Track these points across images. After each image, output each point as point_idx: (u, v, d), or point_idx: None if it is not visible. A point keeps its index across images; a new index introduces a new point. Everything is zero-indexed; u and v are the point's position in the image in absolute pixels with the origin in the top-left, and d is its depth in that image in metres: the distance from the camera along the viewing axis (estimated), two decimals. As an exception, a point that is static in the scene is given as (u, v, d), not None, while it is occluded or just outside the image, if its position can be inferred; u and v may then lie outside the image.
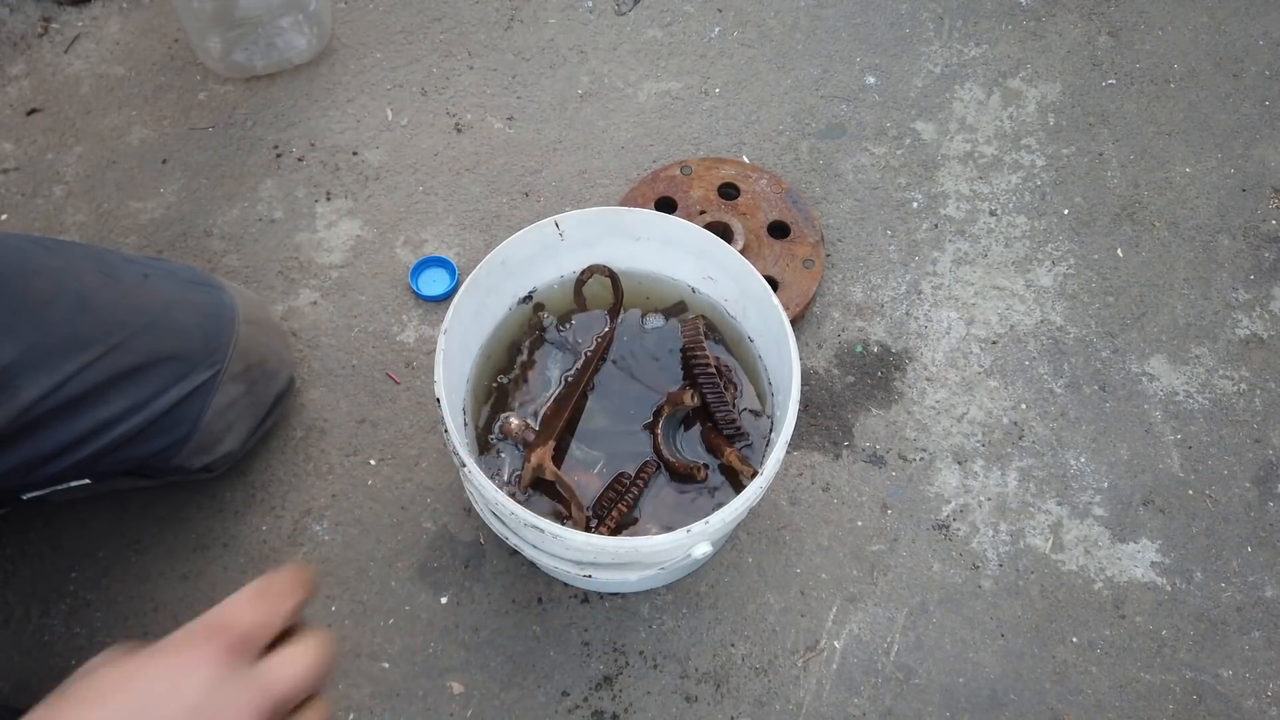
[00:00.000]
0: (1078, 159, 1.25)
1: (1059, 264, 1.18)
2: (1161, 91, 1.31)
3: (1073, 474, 1.05)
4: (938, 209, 1.21)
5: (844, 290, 1.15)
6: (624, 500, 0.85)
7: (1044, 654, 0.95)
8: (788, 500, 1.02)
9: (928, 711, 0.93)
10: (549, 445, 0.87)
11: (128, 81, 1.26)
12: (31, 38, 1.29)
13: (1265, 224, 1.21)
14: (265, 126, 1.23)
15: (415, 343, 1.09)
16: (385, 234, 1.16)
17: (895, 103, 1.28)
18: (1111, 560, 1.00)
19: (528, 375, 0.93)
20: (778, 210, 1.15)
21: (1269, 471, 1.05)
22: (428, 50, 1.30)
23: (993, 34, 1.35)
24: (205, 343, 0.86)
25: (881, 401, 1.08)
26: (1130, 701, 0.94)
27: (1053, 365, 1.11)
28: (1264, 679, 0.95)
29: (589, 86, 1.28)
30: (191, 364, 0.85)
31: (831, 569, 0.99)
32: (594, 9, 1.35)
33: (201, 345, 0.86)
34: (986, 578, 0.99)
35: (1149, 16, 1.37)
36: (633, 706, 0.92)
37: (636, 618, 0.96)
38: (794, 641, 0.95)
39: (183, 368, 0.84)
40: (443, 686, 0.92)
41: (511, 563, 0.98)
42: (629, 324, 0.96)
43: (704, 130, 1.25)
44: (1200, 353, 1.12)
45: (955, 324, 1.13)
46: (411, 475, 1.02)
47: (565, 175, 1.21)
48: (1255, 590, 0.99)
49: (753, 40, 1.33)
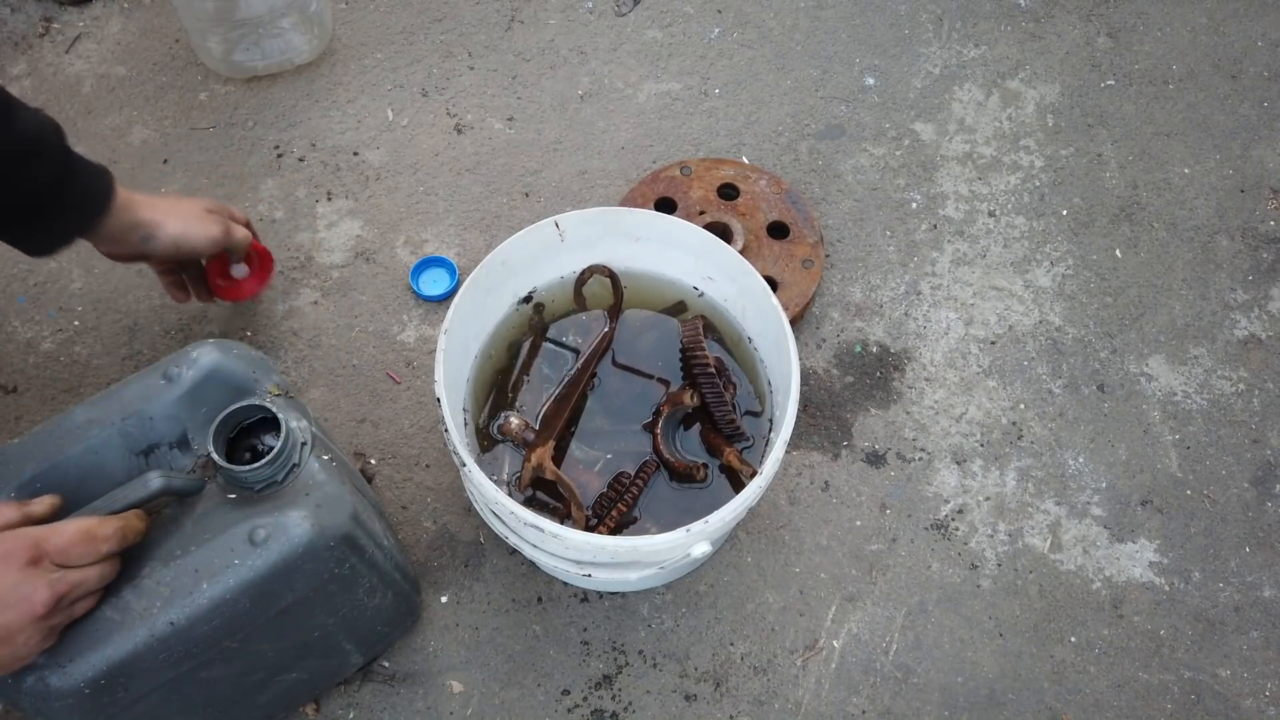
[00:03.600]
0: (1076, 160, 1.26)
1: (1058, 264, 1.18)
2: (1160, 92, 1.31)
3: (1071, 474, 1.05)
4: (937, 209, 1.21)
5: (843, 290, 1.15)
6: (624, 500, 0.85)
7: (1042, 653, 0.96)
8: (787, 500, 1.02)
9: (926, 710, 0.93)
10: (549, 445, 0.87)
11: (129, 82, 1.26)
12: (33, 38, 1.29)
13: (1264, 224, 1.21)
14: (266, 127, 1.23)
15: (415, 342, 1.10)
16: (386, 234, 1.16)
17: (894, 103, 1.29)
18: (1110, 560, 1.00)
19: (528, 375, 0.93)
20: (777, 211, 1.15)
21: (1267, 472, 1.06)
22: (428, 51, 1.31)
23: (992, 35, 1.35)
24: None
25: (880, 401, 1.08)
26: (1128, 701, 0.94)
27: (1051, 365, 1.11)
28: (1262, 679, 0.95)
29: (589, 87, 1.29)
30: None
31: (830, 568, 0.99)
32: (594, 10, 1.35)
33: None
34: (985, 577, 0.99)
35: (1148, 18, 1.37)
36: (632, 705, 0.92)
37: (636, 617, 0.96)
38: (793, 641, 0.96)
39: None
40: (443, 685, 0.92)
41: (511, 562, 0.98)
42: (628, 324, 0.96)
43: (704, 131, 1.25)
44: (1199, 353, 1.13)
45: (954, 324, 1.13)
46: (411, 475, 1.02)
47: (565, 175, 1.21)
48: (1253, 590, 1.00)
49: (752, 41, 1.33)
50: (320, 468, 0.71)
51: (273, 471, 0.68)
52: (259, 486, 0.68)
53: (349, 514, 0.70)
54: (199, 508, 0.68)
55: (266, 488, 0.68)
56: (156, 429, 0.70)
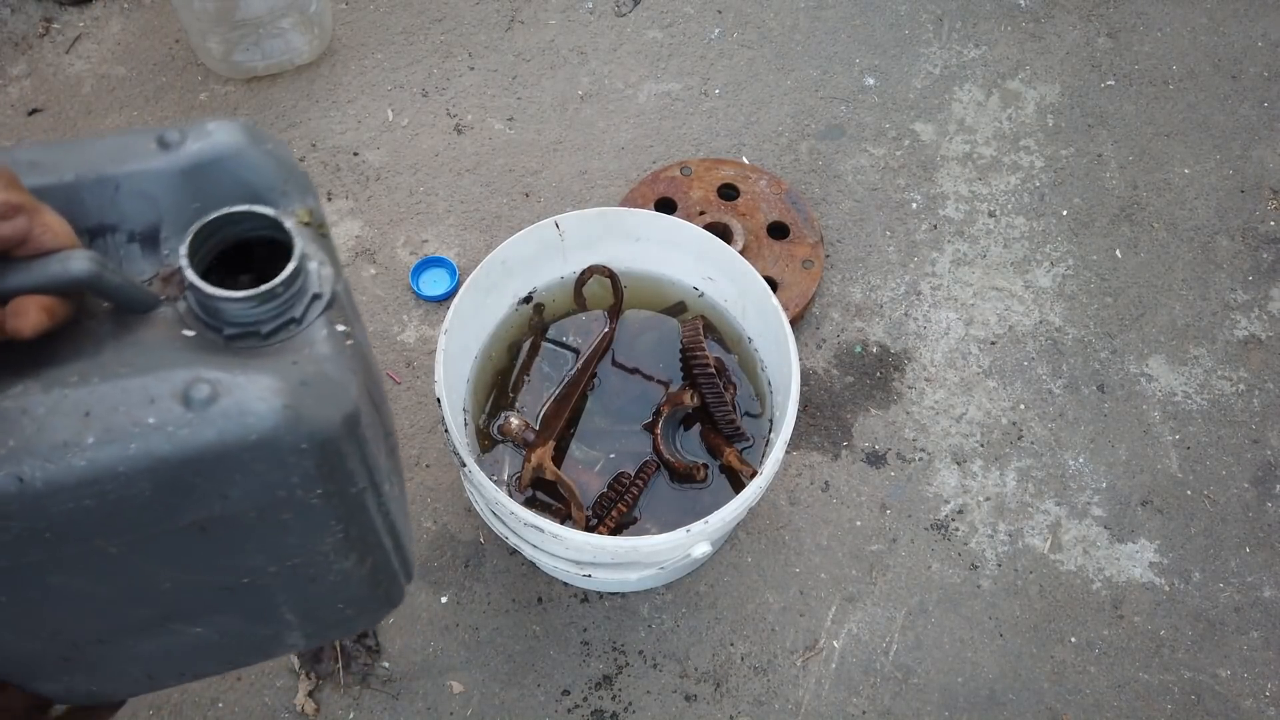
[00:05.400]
0: (1076, 160, 1.26)
1: (1058, 265, 1.18)
2: (1160, 93, 1.31)
3: (1071, 474, 1.05)
4: (937, 210, 1.21)
5: (843, 291, 1.15)
6: (624, 500, 0.85)
7: (1042, 654, 0.96)
8: (787, 500, 1.02)
9: (926, 711, 0.93)
10: (549, 445, 0.87)
11: (129, 82, 1.26)
12: (33, 38, 1.29)
13: (1264, 225, 1.21)
14: (266, 127, 1.23)
15: (415, 343, 1.10)
16: (386, 234, 1.16)
17: (894, 104, 1.29)
18: (1110, 560, 1.00)
19: (528, 375, 0.93)
20: (777, 211, 1.15)
21: (1267, 472, 1.06)
22: (428, 51, 1.31)
23: (992, 35, 1.35)
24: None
25: (880, 402, 1.08)
26: (1128, 701, 0.94)
27: (1051, 366, 1.11)
28: (1262, 679, 0.95)
29: (589, 87, 1.29)
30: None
31: (831, 569, 0.99)
32: (594, 10, 1.35)
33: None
34: (985, 577, 0.99)
35: (1148, 18, 1.37)
36: (632, 705, 0.92)
37: (636, 617, 0.96)
38: (793, 641, 0.96)
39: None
40: (443, 686, 0.92)
41: (511, 562, 0.98)
42: (628, 324, 0.96)
43: (704, 131, 1.26)
44: (1199, 353, 1.13)
45: (954, 324, 1.13)
46: (412, 475, 1.02)
47: (565, 176, 1.22)
48: (1253, 590, 0.99)
49: (752, 41, 1.33)
50: (328, 338, 0.47)
51: (263, 311, 0.46)
52: (232, 331, 0.46)
53: (345, 413, 0.46)
54: (135, 334, 0.46)
55: (243, 336, 0.46)
56: (120, 205, 0.48)
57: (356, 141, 1.23)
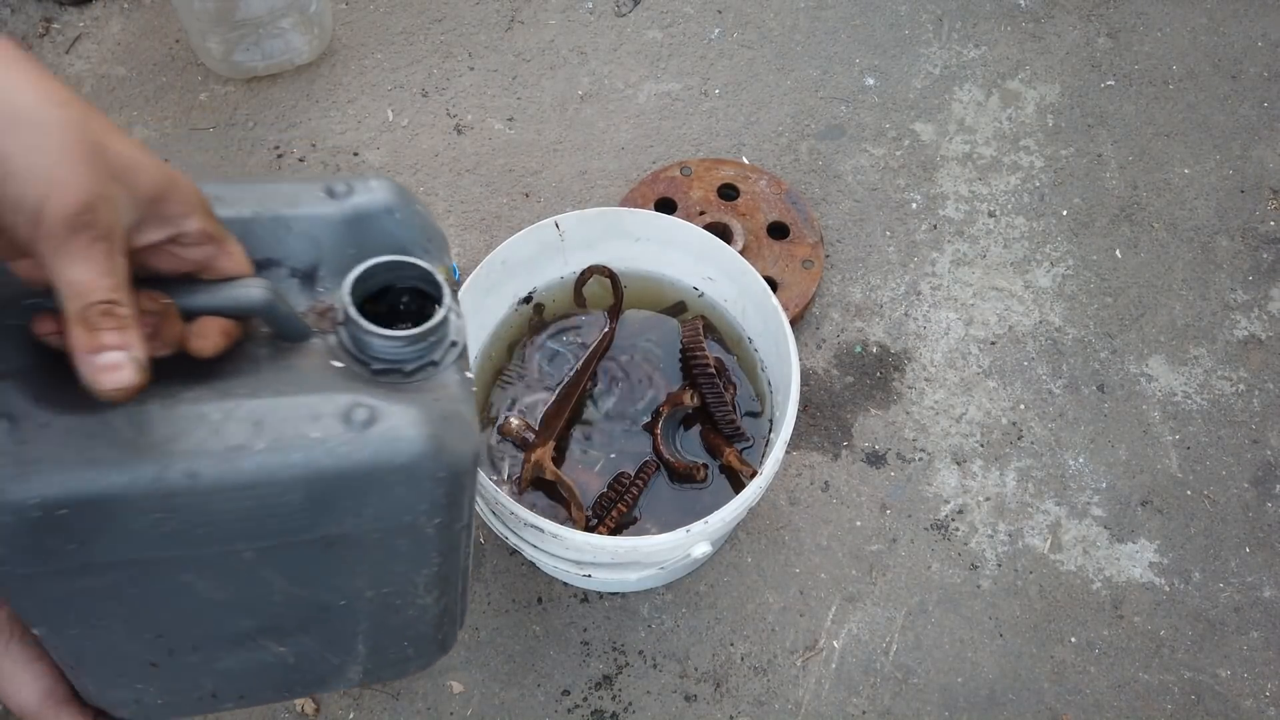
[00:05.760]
0: (1076, 160, 1.26)
1: (1057, 265, 1.18)
2: (1160, 93, 1.31)
3: (1071, 474, 1.05)
4: (937, 210, 1.21)
5: (843, 291, 1.15)
6: (624, 500, 0.85)
7: (1042, 654, 0.96)
8: (787, 500, 1.02)
9: (926, 711, 0.93)
10: (549, 445, 0.87)
11: (129, 82, 1.26)
12: (33, 38, 1.29)
13: (1264, 225, 1.21)
14: (266, 127, 1.23)
15: (415, 343, 1.10)
16: (386, 234, 1.16)
17: (894, 104, 1.29)
18: (1110, 560, 1.00)
19: (528, 375, 0.93)
20: (777, 211, 1.15)
21: (1267, 472, 1.06)
22: (428, 51, 1.31)
23: (992, 35, 1.35)
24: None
25: (880, 402, 1.08)
26: (1129, 701, 0.94)
27: (1051, 366, 1.11)
28: (1262, 679, 0.95)
29: (589, 87, 1.29)
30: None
31: (830, 569, 0.99)
32: (594, 10, 1.35)
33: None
34: (985, 578, 0.99)
35: (1148, 18, 1.37)
36: (632, 706, 0.92)
37: (636, 617, 0.96)
38: (793, 641, 0.96)
39: None
40: (443, 686, 0.92)
41: (511, 562, 0.98)
42: (628, 324, 0.96)
43: (704, 131, 1.26)
44: (1199, 353, 1.13)
45: (954, 324, 1.13)
46: (412, 475, 1.02)
47: (565, 176, 1.22)
48: (1253, 590, 1.00)
49: (752, 41, 1.33)
50: (460, 382, 0.52)
51: (410, 351, 0.51)
52: (379, 366, 0.51)
53: (474, 450, 0.51)
54: (290, 360, 0.50)
55: (388, 371, 0.51)
56: (288, 243, 0.53)
57: (356, 141, 1.23)
